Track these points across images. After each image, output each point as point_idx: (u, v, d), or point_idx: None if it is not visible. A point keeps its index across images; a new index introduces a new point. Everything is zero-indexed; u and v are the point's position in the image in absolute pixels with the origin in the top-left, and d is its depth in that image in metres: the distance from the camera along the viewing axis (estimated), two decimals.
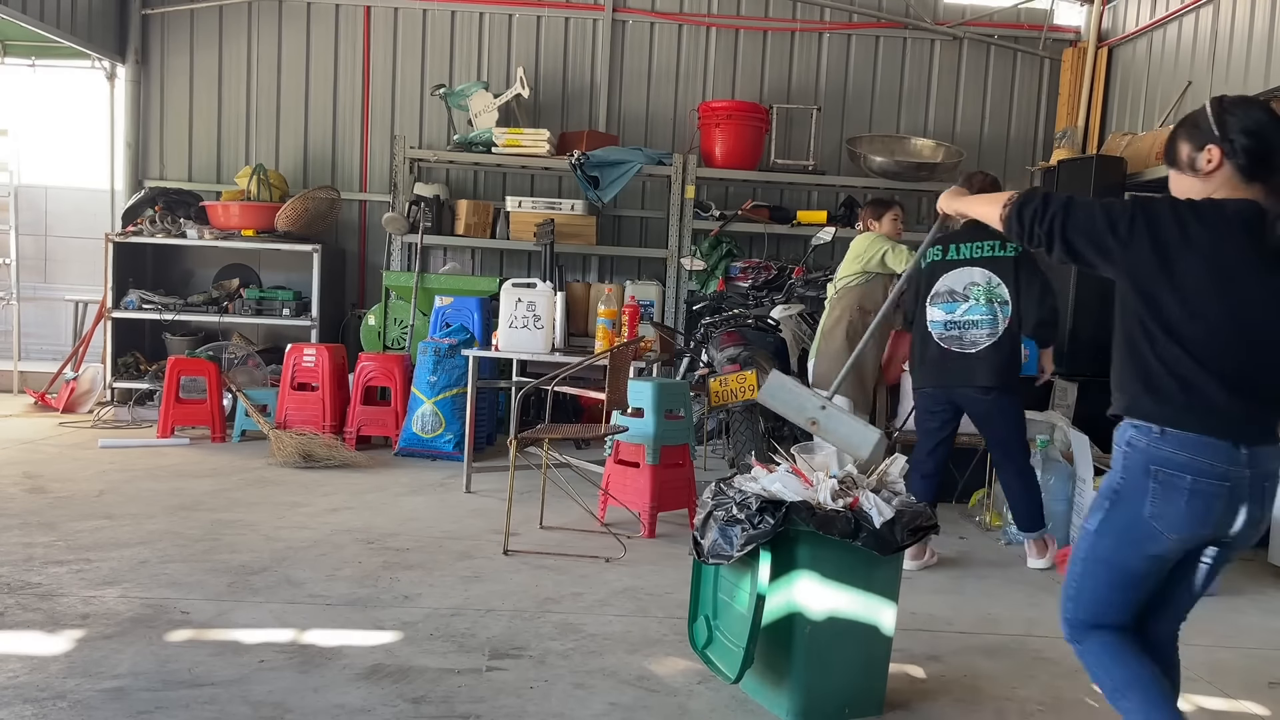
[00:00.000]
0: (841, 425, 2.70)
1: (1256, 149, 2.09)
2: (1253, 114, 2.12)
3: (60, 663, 2.90)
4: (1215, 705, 3.06)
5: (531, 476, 5.20)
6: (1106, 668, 2.24)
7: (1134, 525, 2.15)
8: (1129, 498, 2.15)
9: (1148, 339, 2.12)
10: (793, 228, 7.65)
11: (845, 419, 2.78)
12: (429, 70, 8.08)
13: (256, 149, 8.11)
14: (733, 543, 2.68)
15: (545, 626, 3.37)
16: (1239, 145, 2.09)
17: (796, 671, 2.73)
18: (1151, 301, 2.10)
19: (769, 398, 2.89)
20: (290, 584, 3.71)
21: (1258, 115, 2.11)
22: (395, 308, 7.36)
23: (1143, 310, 2.12)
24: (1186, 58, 6.74)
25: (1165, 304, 2.09)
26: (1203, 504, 2.08)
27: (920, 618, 3.65)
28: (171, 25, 8.06)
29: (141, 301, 7.50)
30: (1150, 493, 2.11)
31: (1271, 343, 2.09)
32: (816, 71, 8.16)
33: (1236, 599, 4.17)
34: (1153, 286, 2.10)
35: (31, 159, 8.40)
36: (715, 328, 6.01)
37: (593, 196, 7.19)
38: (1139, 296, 2.12)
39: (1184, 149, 2.18)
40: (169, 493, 5.07)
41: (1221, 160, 2.11)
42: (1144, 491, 2.12)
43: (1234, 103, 2.15)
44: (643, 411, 4.68)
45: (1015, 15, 8.16)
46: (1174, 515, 2.10)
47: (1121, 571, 2.20)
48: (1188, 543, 2.16)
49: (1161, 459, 2.10)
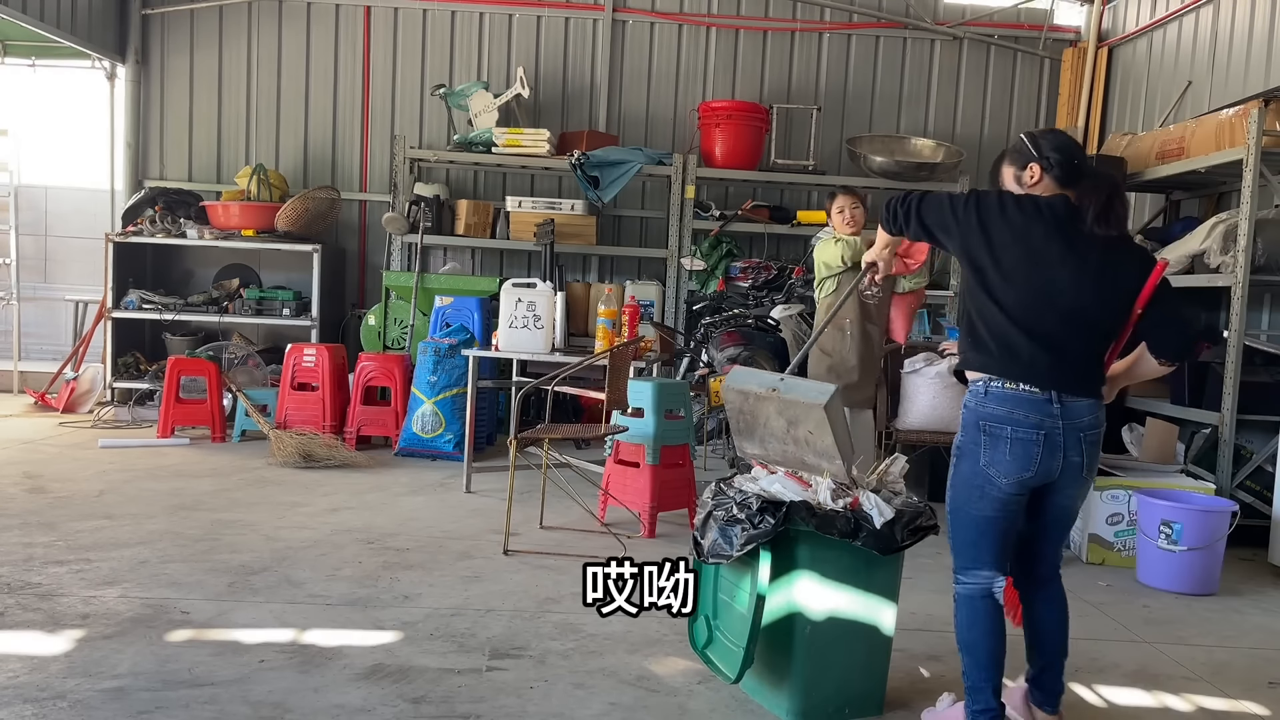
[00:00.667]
0: (799, 385, 2.84)
1: (1065, 161, 2.61)
2: (1059, 138, 2.67)
3: (60, 663, 2.90)
4: (1215, 705, 3.06)
5: (531, 476, 5.20)
6: (964, 622, 2.63)
7: (974, 475, 2.56)
8: (968, 452, 2.58)
9: (975, 304, 2.60)
10: (793, 228, 7.65)
11: (802, 381, 2.92)
12: (429, 70, 8.08)
13: (256, 149, 8.11)
14: (733, 543, 2.68)
15: (545, 626, 3.37)
16: (1053, 160, 2.61)
17: (796, 671, 2.73)
18: (978, 271, 2.57)
19: (733, 384, 2.94)
20: (290, 584, 3.71)
21: (1063, 138, 2.67)
22: (395, 308, 7.36)
23: (972, 279, 2.60)
24: (1186, 58, 6.74)
25: (988, 274, 2.55)
26: (1023, 450, 2.49)
27: (920, 618, 3.65)
28: (171, 25, 8.06)
29: (141, 301, 7.50)
30: (982, 445, 2.54)
31: (1076, 310, 2.50)
32: (816, 71, 8.16)
33: (1236, 599, 4.17)
34: (979, 258, 2.57)
35: (31, 159, 8.40)
36: (715, 328, 6.02)
37: (593, 196, 7.19)
38: (970, 267, 2.60)
39: (1009, 171, 2.70)
40: (169, 493, 5.07)
41: (1041, 174, 2.62)
42: (977, 444, 2.55)
43: (1042, 132, 2.72)
44: (643, 411, 4.68)
45: (1015, 15, 8.16)
46: (1001, 461, 2.51)
47: (977, 519, 2.58)
48: (1020, 486, 2.53)
49: (986, 414, 2.53)
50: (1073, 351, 2.52)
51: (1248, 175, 4.99)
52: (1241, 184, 5.03)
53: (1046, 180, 2.62)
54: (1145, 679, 3.24)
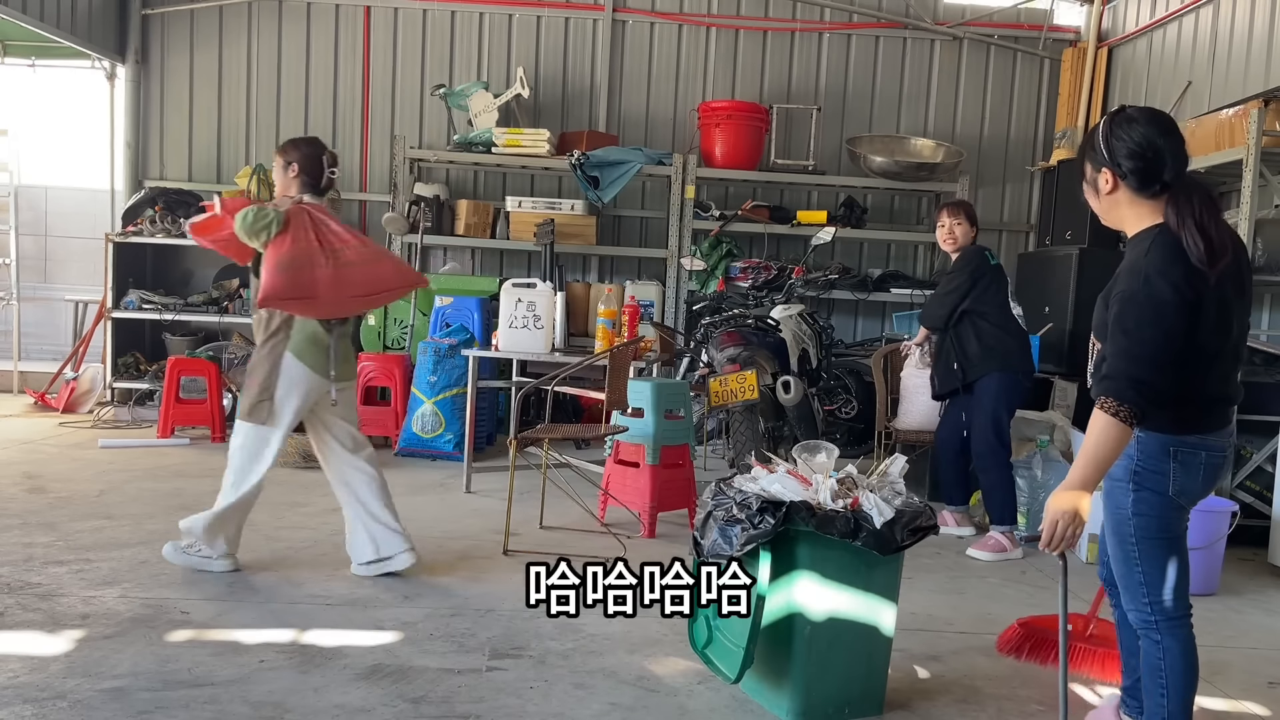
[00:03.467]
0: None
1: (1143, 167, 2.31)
2: (1142, 129, 2.34)
3: (60, 663, 2.90)
4: (1215, 705, 3.06)
5: (531, 476, 5.20)
6: (1184, 661, 2.39)
7: (1164, 503, 2.35)
8: (1150, 480, 2.35)
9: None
10: (793, 228, 7.64)
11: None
12: (429, 70, 8.08)
13: (256, 149, 8.10)
14: (733, 543, 2.68)
15: (545, 626, 3.37)
16: (1127, 168, 2.32)
17: (796, 671, 2.73)
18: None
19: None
20: (290, 584, 3.71)
21: (1147, 128, 2.33)
22: (395, 308, 7.35)
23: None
24: (1186, 58, 6.74)
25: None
26: (1212, 474, 2.37)
27: (920, 618, 3.65)
28: (171, 25, 8.06)
29: (141, 301, 7.50)
30: (1171, 472, 2.33)
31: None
32: (816, 71, 8.16)
33: (1236, 599, 4.17)
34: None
35: (31, 159, 8.40)
36: (715, 328, 6.00)
37: (593, 196, 7.19)
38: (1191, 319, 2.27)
39: (1087, 169, 2.44)
40: (169, 493, 5.07)
41: (1116, 182, 2.35)
42: (1162, 472, 2.33)
43: (1126, 117, 2.37)
44: (643, 411, 4.68)
45: (1015, 15, 8.16)
46: (1192, 487, 2.36)
47: (1174, 541, 2.39)
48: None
49: (1179, 441, 2.33)
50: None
51: (1247, 175, 4.99)
52: (1241, 184, 5.04)
53: (1124, 189, 2.36)
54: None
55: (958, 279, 4.74)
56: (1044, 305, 6.33)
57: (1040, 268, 6.63)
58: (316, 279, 3.58)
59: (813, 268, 7.31)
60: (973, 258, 4.75)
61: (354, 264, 3.67)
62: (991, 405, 4.64)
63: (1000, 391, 4.65)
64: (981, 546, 4.58)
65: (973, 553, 4.57)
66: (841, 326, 7.96)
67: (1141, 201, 2.34)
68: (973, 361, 4.67)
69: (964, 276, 4.72)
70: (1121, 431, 2.20)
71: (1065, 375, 5.91)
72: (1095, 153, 2.38)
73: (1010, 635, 3.25)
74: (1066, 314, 6.06)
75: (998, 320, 4.67)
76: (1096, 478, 2.26)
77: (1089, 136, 2.44)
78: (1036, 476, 4.79)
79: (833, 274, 7.46)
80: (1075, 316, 6.01)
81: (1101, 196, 2.40)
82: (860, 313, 8.19)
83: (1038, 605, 3.87)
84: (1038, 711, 2.92)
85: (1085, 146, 2.45)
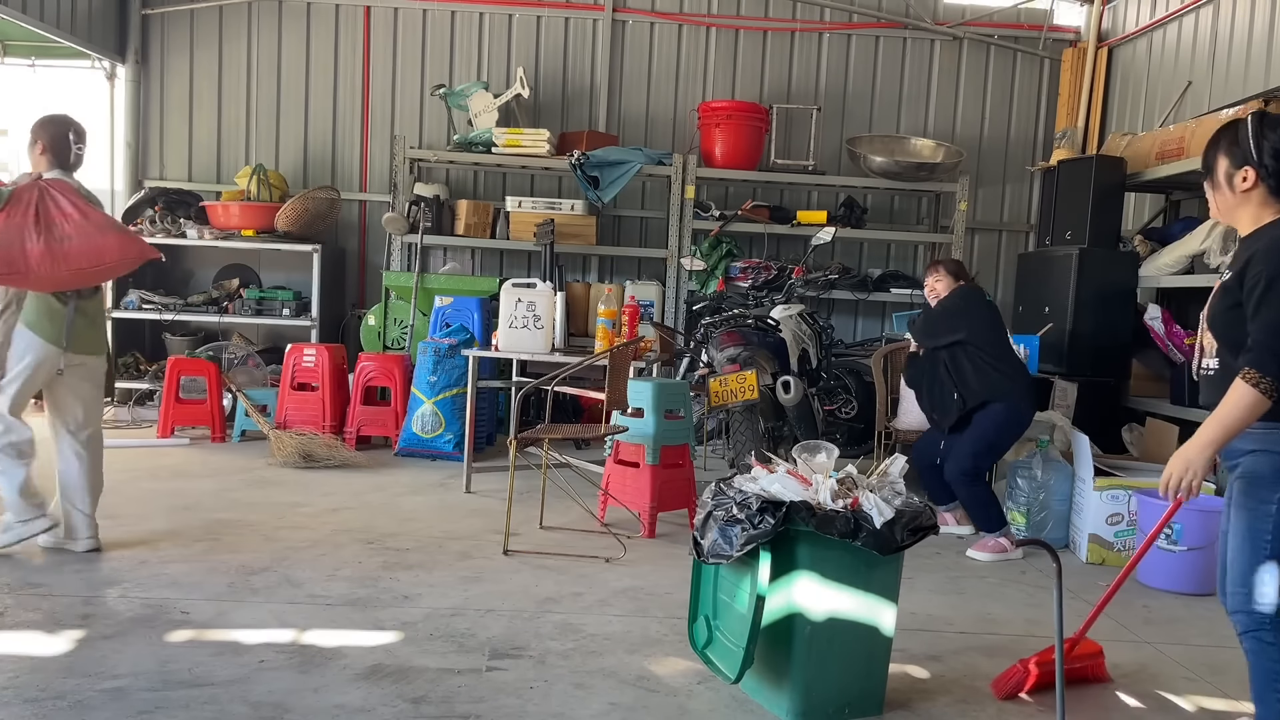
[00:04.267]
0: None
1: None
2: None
3: (60, 663, 2.90)
4: (1215, 705, 3.06)
5: (531, 476, 5.20)
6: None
7: None
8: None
9: None
10: (793, 228, 7.64)
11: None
12: (429, 70, 8.08)
13: (256, 149, 8.11)
14: (733, 543, 2.68)
15: (545, 626, 3.37)
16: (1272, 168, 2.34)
17: (796, 671, 2.73)
18: None
19: None
20: (290, 584, 3.71)
21: None
22: (395, 308, 7.36)
23: None
24: (1186, 58, 6.74)
25: None
26: None
27: (920, 618, 3.65)
28: (171, 25, 8.06)
29: (141, 301, 7.50)
30: None
31: None
32: (816, 71, 8.16)
33: None
34: None
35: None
36: (715, 328, 6.00)
37: (593, 196, 7.19)
38: None
39: (1223, 164, 2.41)
40: (169, 493, 5.07)
41: (1257, 181, 2.36)
42: None
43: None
44: (643, 411, 4.68)
45: (1015, 15, 8.16)
46: None
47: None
48: None
49: None
50: None
51: None
52: None
53: (1260, 189, 2.39)
54: (1145, 679, 3.24)
55: (950, 300, 4.80)
56: (1044, 305, 6.33)
57: (1040, 268, 6.63)
58: (27, 253, 3.69)
59: (813, 268, 7.31)
60: (965, 290, 4.84)
61: (70, 238, 3.76)
62: (992, 430, 4.58)
63: (1005, 423, 4.60)
64: (981, 547, 4.58)
65: (973, 553, 4.57)
66: (841, 326, 7.96)
67: (1273, 202, 2.39)
68: (973, 390, 4.57)
69: (956, 298, 4.79)
70: (1258, 402, 2.25)
71: (1065, 375, 5.91)
72: (1238, 149, 2.39)
73: (1011, 676, 3.14)
74: (1066, 314, 6.06)
75: (995, 353, 4.63)
76: (1223, 440, 2.33)
77: (1228, 132, 2.45)
78: (1036, 476, 4.79)
79: (833, 274, 7.47)
80: (1075, 316, 6.01)
81: (1235, 192, 2.41)
82: (860, 313, 8.19)
83: (1038, 605, 3.88)
84: (1038, 712, 2.92)
85: (1222, 141, 2.45)
